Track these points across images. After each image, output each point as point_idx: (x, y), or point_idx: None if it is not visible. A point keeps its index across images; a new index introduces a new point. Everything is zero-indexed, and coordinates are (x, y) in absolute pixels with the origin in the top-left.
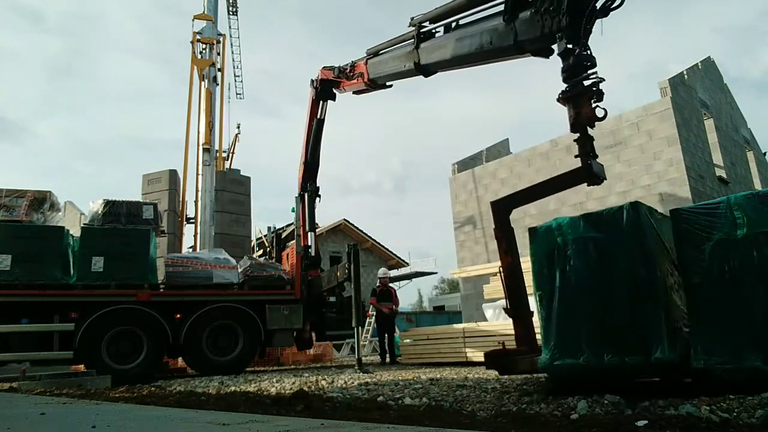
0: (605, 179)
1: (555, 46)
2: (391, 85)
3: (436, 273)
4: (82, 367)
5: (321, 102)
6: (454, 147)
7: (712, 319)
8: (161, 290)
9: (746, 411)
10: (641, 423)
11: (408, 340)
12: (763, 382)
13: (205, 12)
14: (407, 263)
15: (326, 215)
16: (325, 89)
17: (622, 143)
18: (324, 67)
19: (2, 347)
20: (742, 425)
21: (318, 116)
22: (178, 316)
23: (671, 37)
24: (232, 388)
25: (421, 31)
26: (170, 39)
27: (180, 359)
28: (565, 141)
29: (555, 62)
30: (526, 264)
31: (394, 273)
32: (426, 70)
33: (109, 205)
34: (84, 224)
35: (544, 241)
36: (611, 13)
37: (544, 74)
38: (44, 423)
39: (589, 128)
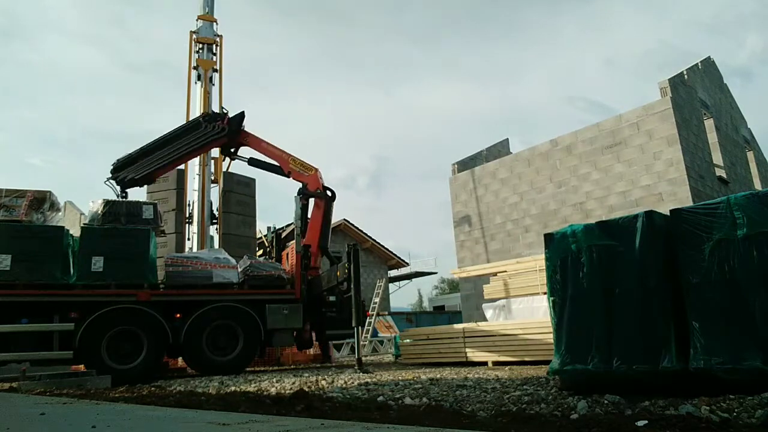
0: None
1: None
2: None
3: (436, 273)
4: (82, 367)
5: None
6: (434, 141)
7: (712, 319)
8: (161, 290)
9: (746, 411)
10: (641, 423)
11: (408, 340)
12: (763, 382)
13: (206, 12)
14: (407, 263)
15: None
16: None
17: (622, 143)
18: None
19: (2, 347)
20: (742, 425)
21: None
22: (178, 316)
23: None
24: (232, 388)
25: None
26: (104, 19)
27: (180, 359)
28: (566, 141)
29: (548, 53)
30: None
31: (394, 273)
32: None
33: (109, 205)
34: (84, 224)
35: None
36: None
37: (532, 65)
38: (44, 423)
39: None
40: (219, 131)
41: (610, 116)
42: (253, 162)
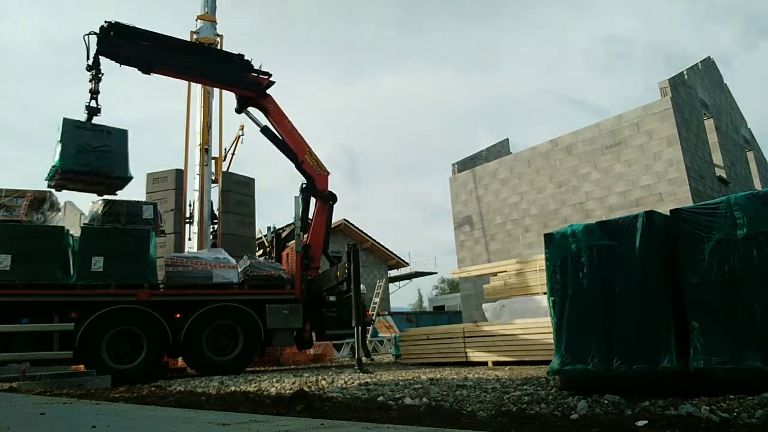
0: None
1: None
2: None
3: (436, 273)
4: (82, 367)
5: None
6: (411, 134)
7: (712, 319)
8: (161, 290)
9: (746, 411)
10: (641, 423)
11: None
12: (763, 382)
13: (207, 12)
14: (407, 263)
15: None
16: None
17: (622, 143)
18: None
19: (2, 347)
20: (742, 425)
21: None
22: (178, 315)
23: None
24: (232, 388)
25: None
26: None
27: (180, 359)
28: (566, 141)
29: (525, 41)
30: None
31: (394, 273)
32: None
33: (109, 204)
34: (84, 224)
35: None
36: None
37: (511, 54)
38: (44, 423)
39: None
40: (253, 83)
41: (610, 116)
42: (265, 131)
